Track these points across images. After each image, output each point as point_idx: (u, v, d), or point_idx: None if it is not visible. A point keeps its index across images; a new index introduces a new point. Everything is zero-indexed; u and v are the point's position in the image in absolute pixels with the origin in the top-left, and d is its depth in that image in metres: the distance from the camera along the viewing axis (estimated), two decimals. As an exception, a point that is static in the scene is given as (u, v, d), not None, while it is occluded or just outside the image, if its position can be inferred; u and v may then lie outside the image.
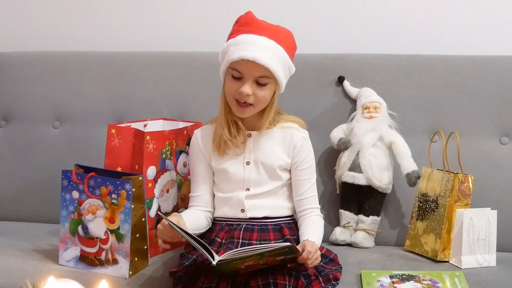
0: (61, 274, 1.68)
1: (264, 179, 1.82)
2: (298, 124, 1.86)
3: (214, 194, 1.87)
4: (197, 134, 1.88)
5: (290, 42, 1.79)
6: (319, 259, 1.67)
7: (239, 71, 1.74)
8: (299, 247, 1.63)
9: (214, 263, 1.57)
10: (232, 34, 1.78)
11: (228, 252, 1.59)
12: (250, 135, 1.83)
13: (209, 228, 1.85)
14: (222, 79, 1.81)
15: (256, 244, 1.74)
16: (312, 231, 1.76)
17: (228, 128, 1.81)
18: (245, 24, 1.77)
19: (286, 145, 1.82)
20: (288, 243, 1.59)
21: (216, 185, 1.86)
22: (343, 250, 1.96)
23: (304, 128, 1.86)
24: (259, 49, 1.71)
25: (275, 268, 1.64)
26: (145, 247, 1.79)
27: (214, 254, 1.60)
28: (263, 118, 1.81)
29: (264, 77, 1.73)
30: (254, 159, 1.82)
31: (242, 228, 1.79)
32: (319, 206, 1.85)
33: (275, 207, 1.83)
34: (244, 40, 1.74)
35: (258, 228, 1.80)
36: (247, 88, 1.73)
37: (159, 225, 1.70)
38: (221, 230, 1.81)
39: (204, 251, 1.59)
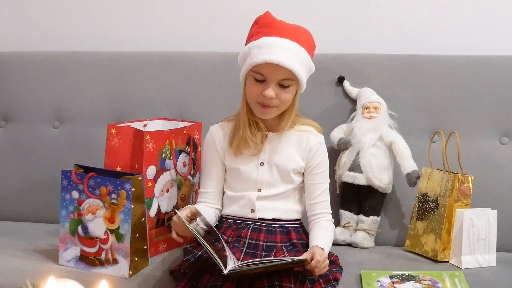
0: (61, 274, 1.68)
1: (277, 181, 1.81)
2: (315, 128, 1.86)
3: (223, 192, 1.87)
4: (213, 130, 1.88)
5: (310, 42, 1.79)
6: (327, 267, 1.67)
7: (262, 74, 1.73)
8: (307, 253, 1.63)
9: (225, 272, 1.55)
10: (252, 36, 1.77)
11: (240, 264, 1.57)
12: (267, 136, 1.82)
13: (216, 225, 1.84)
14: (242, 81, 1.80)
15: (263, 244, 1.75)
16: (322, 237, 1.76)
17: (250, 128, 1.80)
18: (265, 26, 1.76)
19: (302, 148, 1.82)
20: (301, 258, 1.59)
21: (227, 183, 1.86)
22: (343, 250, 1.96)
23: (320, 133, 1.86)
24: (283, 52, 1.70)
25: (280, 270, 1.64)
26: (145, 246, 1.79)
27: (230, 259, 1.59)
28: (283, 120, 1.80)
29: (287, 80, 1.73)
30: (268, 161, 1.81)
31: (250, 228, 1.79)
32: (331, 211, 1.85)
33: (285, 210, 1.83)
34: (266, 42, 1.72)
35: (266, 229, 1.79)
36: (271, 92, 1.72)
37: (174, 218, 1.71)
38: (229, 228, 1.81)
39: (217, 257, 1.58)
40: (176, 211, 1.71)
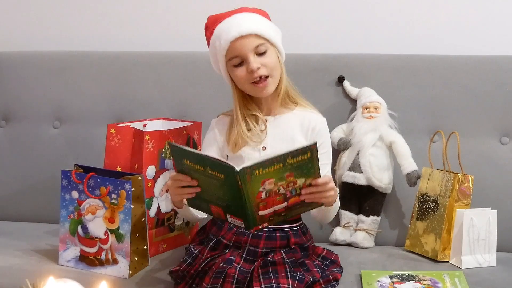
0: (61, 274, 1.69)
1: None
2: (316, 111, 1.85)
3: None
4: (213, 122, 1.87)
5: (259, 10, 1.80)
6: (335, 196, 1.63)
7: (236, 56, 1.73)
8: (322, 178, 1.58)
9: (238, 168, 1.46)
10: (209, 38, 1.80)
11: (251, 163, 1.49)
12: (267, 121, 1.81)
13: (218, 224, 1.80)
14: (229, 82, 1.80)
15: (262, 251, 1.71)
16: None
17: (245, 123, 1.79)
18: (212, 24, 1.79)
19: (304, 128, 1.81)
20: (310, 143, 1.51)
21: None
22: (343, 250, 1.95)
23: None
24: (238, 24, 1.73)
25: (278, 271, 1.64)
26: (145, 246, 1.79)
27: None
28: (278, 89, 1.78)
29: (260, 46, 1.73)
30: (270, 144, 1.79)
31: (250, 234, 1.74)
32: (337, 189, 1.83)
33: None
34: (221, 28, 1.75)
35: (266, 235, 1.75)
36: (254, 64, 1.72)
37: (168, 182, 1.63)
38: (229, 231, 1.76)
39: (221, 159, 1.52)
40: (174, 144, 1.60)
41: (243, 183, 1.48)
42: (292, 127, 1.81)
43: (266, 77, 1.75)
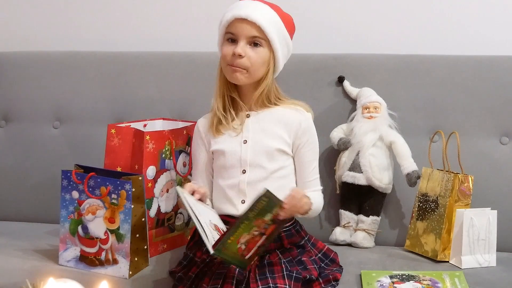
0: (61, 274, 1.69)
1: (261, 160, 1.76)
2: (303, 107, 1.83)
3: (213, 186, 1.83)
4: (199, 121, 1.87)
5: (287, 18, 1.80)
6: (305, 207, 1.68)
7: (232, 32, 1.75)
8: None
9: (212, 252, 1.52)
10: None
11: (221, 239, 1.54)
12: (249, 116, 1.80)
13: None
14: (220, 51, 1.80)
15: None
16: (311, 193, 1.77)
17: (223, 104, 1.79)
18: None
19: (288, 124, 1.79)
20: (261, 192, 1.53)
21: (215, 173, 1.82)
22: (343, 250, 1.95)
23: (308, 112, 1.83)
24: (252, 8, 1.74)
25: (275, 271, 1.64)
26: (145, 247, 1.79)
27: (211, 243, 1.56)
28: (257, 87, 1.77)
29: (257, 37, 1.74)
30: (252, 138, 1.78)
31: None
32: (322, 188, 1.83)
33: None
34: (238, 4, 1.77)
35: None
36: (240, 48, 1.73)
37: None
38: None
39: (206, 238, 1.54)
40: (180, 189, 1.67)
41: (223, 256, 1.57)
42: (274, 123, 1.79)
43: (243, 68, 1.74)
